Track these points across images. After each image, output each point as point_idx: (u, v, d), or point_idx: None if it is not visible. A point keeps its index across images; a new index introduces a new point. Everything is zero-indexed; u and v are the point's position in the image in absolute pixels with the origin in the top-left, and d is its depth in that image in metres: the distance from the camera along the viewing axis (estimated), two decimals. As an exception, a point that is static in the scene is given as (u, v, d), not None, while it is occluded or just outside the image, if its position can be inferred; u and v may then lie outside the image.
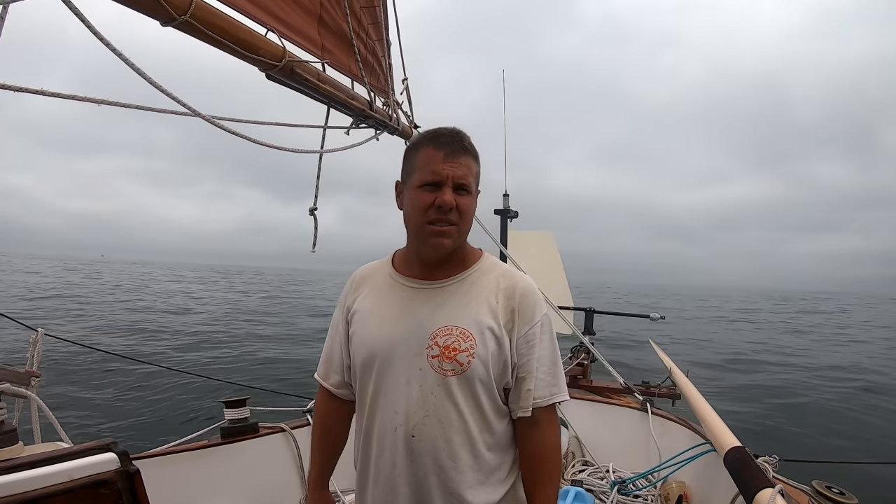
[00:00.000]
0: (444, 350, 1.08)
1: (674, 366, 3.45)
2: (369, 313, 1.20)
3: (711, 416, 2.22)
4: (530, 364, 1.13)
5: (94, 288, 25.79)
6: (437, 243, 1.11)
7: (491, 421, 1.13)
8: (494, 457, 1.14)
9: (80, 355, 7.65)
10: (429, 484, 1.09)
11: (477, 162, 1.16)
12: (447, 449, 1.09)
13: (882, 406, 7.75)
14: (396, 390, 1.11)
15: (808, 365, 11.57)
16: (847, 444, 5.95)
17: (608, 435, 3.12)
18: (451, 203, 1.08)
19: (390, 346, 1.13)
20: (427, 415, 1.08)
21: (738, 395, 8.24)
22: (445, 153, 1.10)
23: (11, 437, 1.22)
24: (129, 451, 0.87)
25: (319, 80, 1.93)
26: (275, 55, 1.68)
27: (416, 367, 1.10)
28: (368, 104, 2.27)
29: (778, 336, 18.18)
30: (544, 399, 1.14)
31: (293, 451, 2.43)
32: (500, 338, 1.11)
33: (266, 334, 12.87)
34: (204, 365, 8.63)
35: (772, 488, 1.37)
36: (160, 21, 1.35)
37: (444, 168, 1.09)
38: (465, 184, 1.10)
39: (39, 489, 0.75)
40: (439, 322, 1.11)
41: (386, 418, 1.12)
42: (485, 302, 1.13)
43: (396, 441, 1.10)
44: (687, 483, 2.44)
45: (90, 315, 14.65)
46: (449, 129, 1.15)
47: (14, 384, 1.60)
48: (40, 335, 2.09)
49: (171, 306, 18.76)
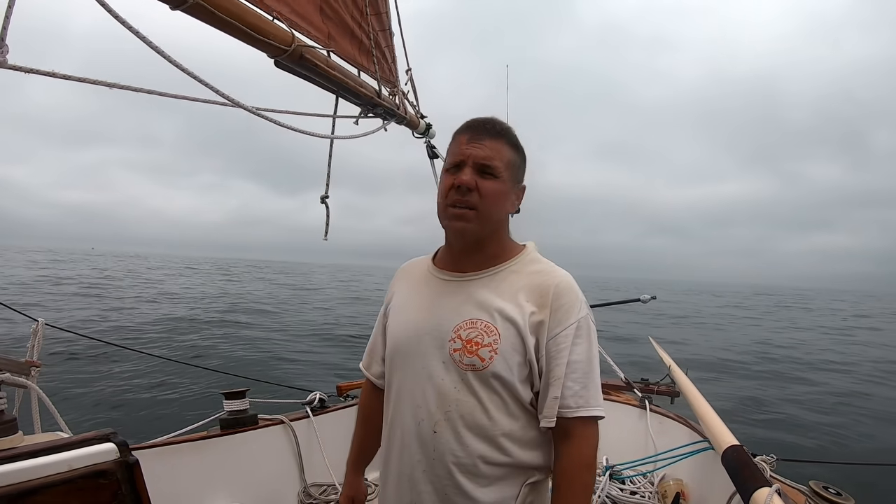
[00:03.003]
0: (466, 344, 1.05)
1: (673, 363, 3.44)
2: (403, 306, 1.20)
3: (710, 415, 2.22)
4: (558, 369, 1.05)
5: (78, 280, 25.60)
6: (455, 227, 1.09)
7: (521, 424, 1.08)
8: (521, 459, 1.08)
9: (80, 345, 7.66)
10: (452, 482, 1.05)
11: (512, 148, 1.11)
12: (469, 447, 1.05)
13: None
14: (418, 384, 1.09)
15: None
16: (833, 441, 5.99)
17: (605, 431, 3.10)
18: (469, 182, 1.04)
19: (416, 338, 1.11)
20: (449, 411, 1.05)
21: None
22: (470, 135, 1.08)
23: (11, 427, 1.22)
24: (128, 442, 0.87)
25: (328, 66, 1.91)
26: (284, 40, 1.66)
27: (439, 361, 1.07)
28: (376, 92, 2.25)
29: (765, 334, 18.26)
30: (571, 410, 1.04)
31: (292, 443, 2.44)
32: (525, 337, 1.05)
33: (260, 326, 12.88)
34: (201, 356, 8.64)
35: (769, 487, 1.37)
36: (170, 5, 1.33)
37: (467, 149, 1.07)
38: (488, 165, 1.06)
39: (39, 479, 0.76)
40: (465, 315, 1.07)
41: (407, 413, 1.10)
42: (514, 298, 1.07)
43: (419, 436, 1.08)
44: (684, 481, 2.45)
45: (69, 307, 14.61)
46: (484, 117, 1.13)
47: (14, 374, 1.60)
48: (41, 325, 2.09)
49: (163, 296, 18.74)
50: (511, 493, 1.07)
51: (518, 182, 1.15)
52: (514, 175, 1.12)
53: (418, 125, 2.60)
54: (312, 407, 2.66)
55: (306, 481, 2.43)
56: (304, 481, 2.43)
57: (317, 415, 2.61)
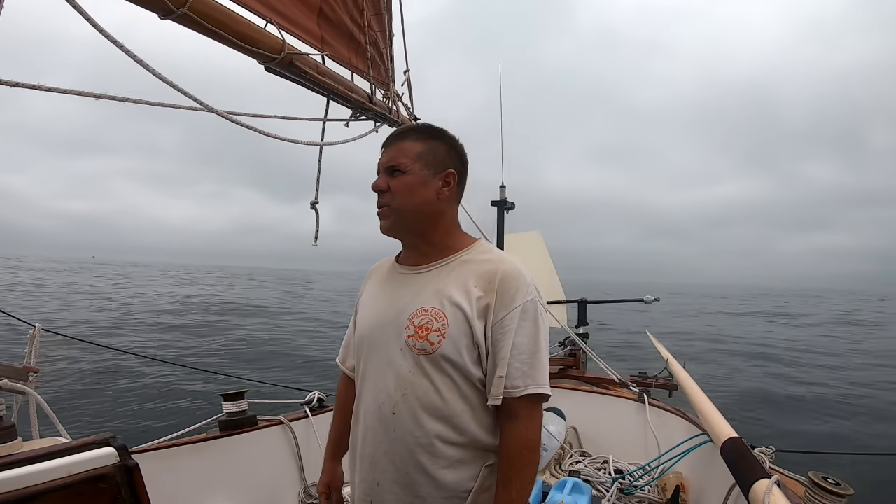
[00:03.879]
0: (418, 330, 1.11)
1: (670, 357, 3.46)
2: (369, 301, 1.30)
3: (708, 407, 2.23)
4: (504, 350, 1.09)
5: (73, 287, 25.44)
6: (381, 227, 1.21)
7: (471, 403, 1.13)
8: (478, 439, 1.13)
9: (78, 350, 7.64)
10: (411, 461, 1.11)
11: (423, 140, 1.19)
12: (426, 427, 1.11)
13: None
14: (380, 371, 1.17)
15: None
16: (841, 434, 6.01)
17: (605, 425, 3.13)
18: (380, 185, 1.17)
19: (379, 328, 1.19)
20: (405, 393, 1.12)
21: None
22: (383, 147, 1.22)
23: (10, 433, 1.22)
24: (127, 445, 0.87)
25: (318, 72, 1.92)
26: (273, 48, 1.68)
27: (397, 348, 1.14)
28: (368, 96, 2.25)
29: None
30: (517, 389, 1.09)
31: (291, 444, 2.44)
32: (471, 320, 1.10)
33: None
34: (201, 358, 8.62)
35: (768, 479, 1.38)
36: (159, 14, 1.35)
37: (380, 159, 1.21)
38: (394, 165, 1.17)
39: (39, 484, 0.75)
40: (419, 303, 1.15)
41: (371, 397, 1.17)
42: (462, 285, 1.13)
43: (380, 419, 1.14)
44: (684, 474, 2.46)
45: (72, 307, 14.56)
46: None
47: (12, 380, 1.59)
48: (38, 331, 2.08)
49: (164, 303, 18.68)
50: (470, 474, 1.13)
51: (440, 169, 1.18)
52: (428, 163, 1.17)
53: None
54: (311, 407, 2.67)
55: (306, 481, 2.43)
56: (305, 481, 2.43)
57: (315, 414, 2.61)
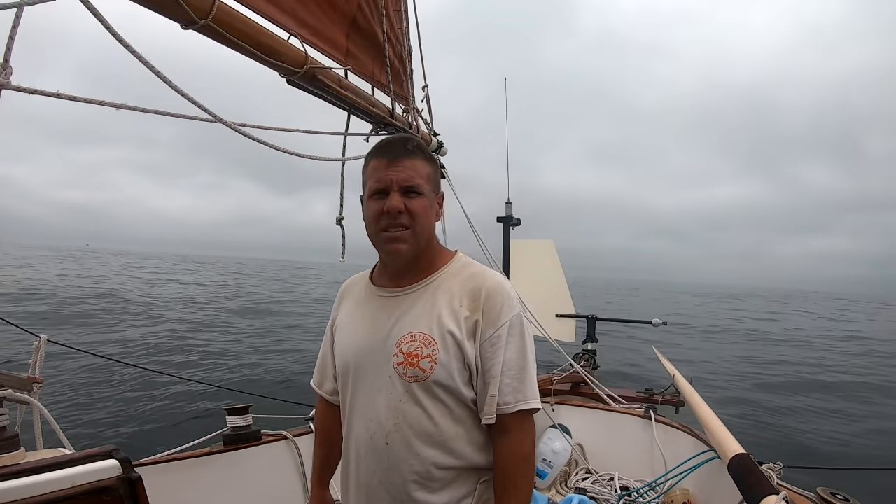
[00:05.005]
0: (407, 357, 1.09)
1: (677, 373, 3.43)
2: (347, 324, 1.25)
3: (715, 423, 2.20)
4: (494, 368, 1.10)
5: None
6: (392, 249, 1.12)
7: (465, 426, 1.13)
8: (473, 461, 1.13)
9: (83, 361, 7.64)
10: (407, 490, 1.10)
11: (428, 163, 1.16)
12: (421, 455, 1.10)
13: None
14: (370, 399, 1.14)
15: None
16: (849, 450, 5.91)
17: (611, 442, 3.10)
18: (399, 206, 1.09)
19: (362, 355, 1.16)
20: (398, 422, 1.10)
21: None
22: (389, 159, 1.12)
23: (13, 444, 1.22)
24: (130, 458, 0.87)
25: (341, 86, 1.91)
26: (296, 61, 1.66)
27: (385, 376, 1.12)
28: (389, 111, 2.25)
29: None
30: (509, 406, 1.10)
31: (295, 458, 2.43)
32: (462, 342, 1.09)
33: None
34: (204, 371, 8.61)
35: (776, 495, 1.36)
36: (181, 24, 1.33)
37: (388, 174, 1.10)
38: (411, 185, 1.11)
39: (41, 495, 0.75)
40: (404, 329, 1.12)
41: (362, 426, 1.15)
42: (448, 306, 1.12)
43: (372, 448, 1.13)
44: (691, 490, 2.43)
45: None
46: (396, 136, 1.19)
47: (16, 390, 1.60)
48: (43, 341, 2.09)
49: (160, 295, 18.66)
50: (465, 491, 1.13)
51: (437, 191, 1.20)
52: (433, 187, 1.17)
53: (430, 143, 2.61)
54: (315, 420, 2.65)
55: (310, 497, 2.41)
56: (309, 497, 2.41)
57: None
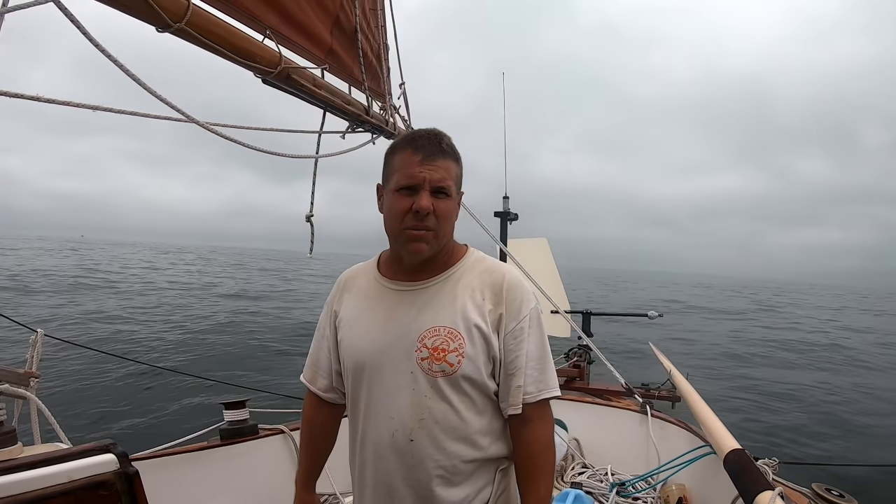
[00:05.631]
0: (433, 352, 1.08)
1: (673, 368, 3.44)
2: (356, 319, 1.19)
3: (711, 419, 2.21)
4: (519, 360, 1.12)
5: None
6: (414, 249, 1.09)
7: (488, 418, 1.14)
8: (494, 452, 1.15)
9: (80, 356, 7.63)
10: (431, 486, 1.09)
11: (457, 164, 1.13)
12: (448, 450, 1.09)
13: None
14: (389, 396, 1.11)
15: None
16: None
17: (607, 437, 3.11)
18: (428, 207, 1.06)
19: (380, 352, 1.12)
20: (423, 418, 1.08)
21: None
22: (423, 156, 1.07)
23: (10, 438, 1.22)
24: (128, 452, 0.87)
25: (315, 85, 1.93)
26: (271, 62, 1.68)
27: (407, 372, 1.09)
28: (365, 109, 2.26)
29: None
30: (532, 395, 1.12)
31: (292, 452, 2.43)
32: (488, 336, 1.10)
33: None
34: (201, 365, 8.61)
35: (771, 491, 1.36)
36: (156, 27, 1.35)
37: (422, 171, 1.06)
38: (443, 187, 1.08)
39: (38, 490, 0.75)
40: (426, 324, 1.10)
41: (381, 425, 1.11)
42: (471, 300, 1.11)
43: (394, 447, 1.10)
44: (686, 486, 2.44)
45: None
46: (428, 130, 1.12)
47: (13, 385, 1.59)
48: (40, 336, 2.09)
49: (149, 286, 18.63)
50: (483, 482, 1.14)
51: (459, 189, 1.17)
52: (458, 187, 1.15)
53: None
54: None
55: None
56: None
57: None
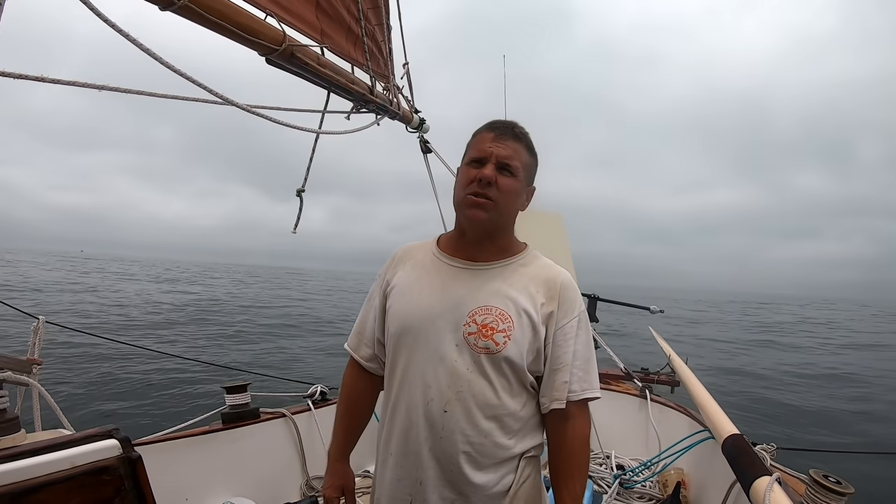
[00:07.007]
0: (481, 328, 1.10)
1: (673, 353, 3.46)
2: (409, 287, 1.21)
3: (710, 404, 2.22)
4: (566, 356, 1.14)
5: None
6: (472, 214, 1.14)
7: (521, 403, 1.15)
8: (523, 439, 1.16)
9: (82, 342, 7.67)
10: (458, 459, 1.10)
11: (529, 152, 1.19)
12: (479, 426, 1.10)
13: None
14: (429, 364, 1.12)
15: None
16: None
17: (607, 421, 3.14)
18: (491, 177, 1.12)
19: (428, 319, 1.14)
20: (461, 390, 1.10)
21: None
22: (496, 134, 1.15)
23: (13, 425, 1.22)
24: (130, 438, 0.87)
25: (319, 63, 1.91)
26: (275, 39, 1.66)
27: (453, 343, 1.11)
28: (369, 88, 2.24)
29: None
30: (576, 393, 1.15)
31: (294, 436, 2.45)
32: (537, 326, 1.12)
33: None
34: (204, 350, 8.65)
35: (769, 476, 1.37)
36: (159, 6, 1.34)
37: (490, 147, 1.14)
38: (508, 164, 1.13)
39: (42, 476, 0.76)
40: (480, 301, 1.13)
41: (416, 392, 1.13)
42: (525, 289, 1.15)
43: (427, 415, 1.11)
44: (685, 470, 2.47)
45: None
46: (508, 120, 1.20)
47: (16, 372, 1.60)
48: (41, 323, 2.09)
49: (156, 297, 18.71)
50: (507, 469, 1.15)
51: (530, 183, 1.23)
52: (527, 176, 1.21)
53: (412, 120, 2.59)
54: (314, 400, 2.68)
55: (308, 474, 2.45)
56: (307, 474, 2.45)
57: (318, 407, 2.62)
